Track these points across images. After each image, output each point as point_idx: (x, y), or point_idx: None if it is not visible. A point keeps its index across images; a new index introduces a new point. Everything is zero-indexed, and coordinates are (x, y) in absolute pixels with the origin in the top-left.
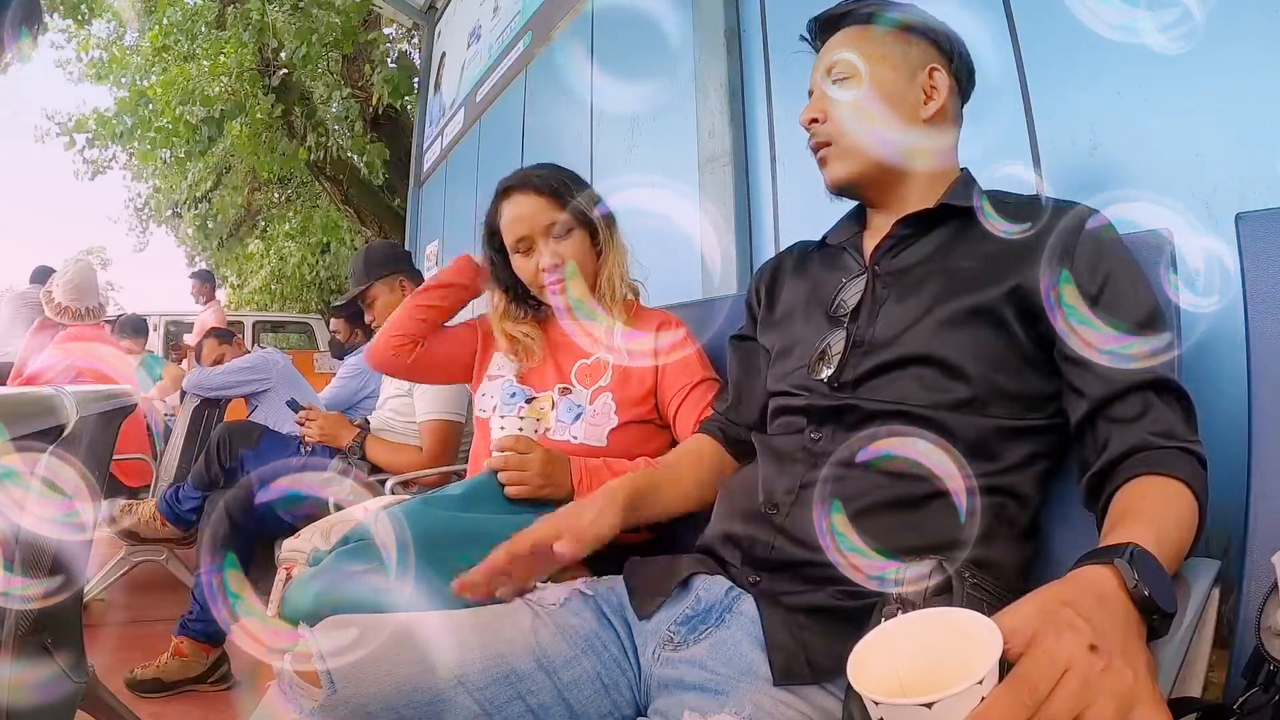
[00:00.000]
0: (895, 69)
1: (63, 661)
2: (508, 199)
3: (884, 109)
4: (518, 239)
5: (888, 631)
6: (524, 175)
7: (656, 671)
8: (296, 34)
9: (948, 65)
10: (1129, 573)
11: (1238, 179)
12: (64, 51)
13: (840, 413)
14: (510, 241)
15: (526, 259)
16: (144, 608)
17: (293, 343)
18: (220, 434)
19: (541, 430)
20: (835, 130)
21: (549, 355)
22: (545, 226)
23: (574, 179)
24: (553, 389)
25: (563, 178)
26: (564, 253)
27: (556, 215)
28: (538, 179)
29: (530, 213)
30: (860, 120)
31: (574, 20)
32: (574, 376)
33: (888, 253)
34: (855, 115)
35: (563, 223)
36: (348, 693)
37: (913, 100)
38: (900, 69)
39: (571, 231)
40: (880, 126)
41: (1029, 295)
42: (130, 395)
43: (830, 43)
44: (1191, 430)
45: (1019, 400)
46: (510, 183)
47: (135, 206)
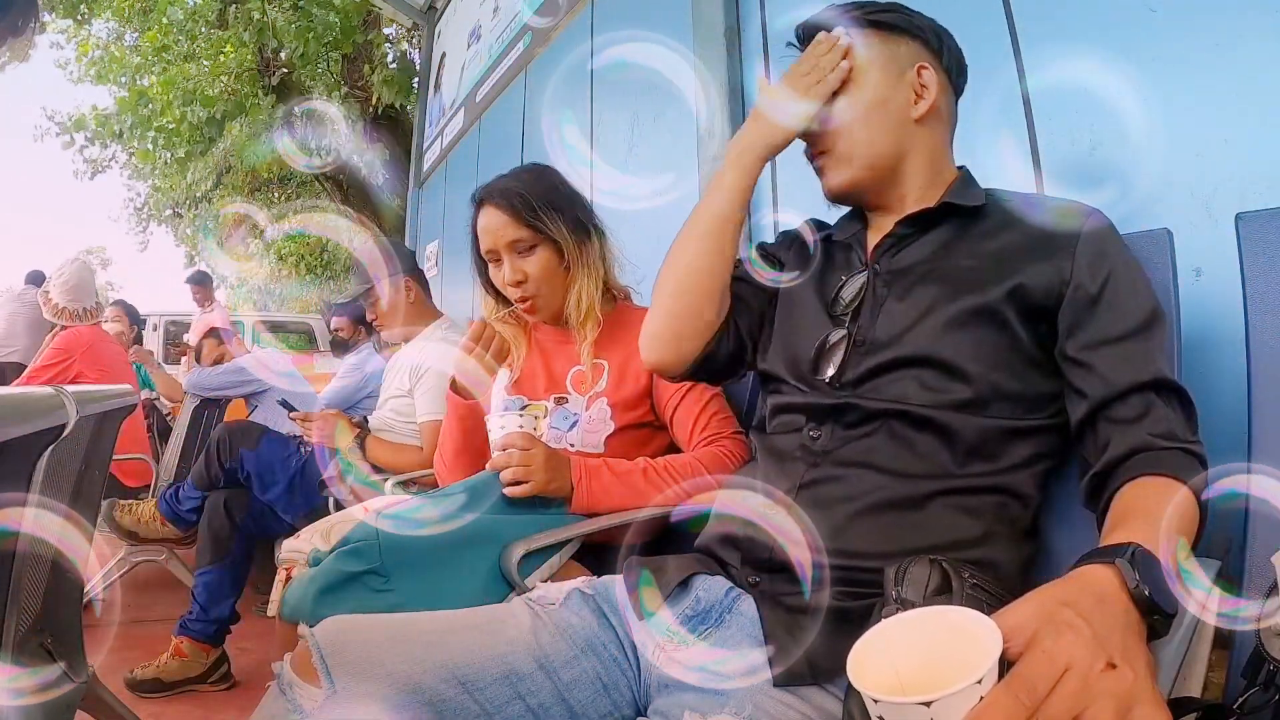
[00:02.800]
0: (882, 69)
1: (63, 661)
2: (480, 210)
3: (877, 112)
4: (487, 250)
5: (887, 629)
6: (493, 188)
7: (656, 671)
8: (296, 34)
9: (936, 61)
10: (1130, 573)
11: (1238, 179)
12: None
13: (840, 411)
14: (483, 251)
15: (497, 270)
16: (144, 608)
17: (293, 343)
18: (220, 434)
19: (541, 431)
20: (829, 139)
21: (541, 362)
22: (509, 243)
23: (548, 191)
24: (548, 399)
25: (535, 191)
26: (527, 270)
27: (520, 232)
28: (504, 194)
29: (496, 226)
30: (852, 127)
31: (574, 20)
32: (570, 383)
33: (888, 252)
34: (848, 121)
35: (526, 240)
36: (347, 693)
37: (902, 100)
38: (888, 69)
39: (535, 249)
40: (874, 131)
41: (1030, 295)
42: (130, 395)
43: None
44: (1192, 431)
45: (1020, 400)
46: (480, 194)
47: (135, 206)
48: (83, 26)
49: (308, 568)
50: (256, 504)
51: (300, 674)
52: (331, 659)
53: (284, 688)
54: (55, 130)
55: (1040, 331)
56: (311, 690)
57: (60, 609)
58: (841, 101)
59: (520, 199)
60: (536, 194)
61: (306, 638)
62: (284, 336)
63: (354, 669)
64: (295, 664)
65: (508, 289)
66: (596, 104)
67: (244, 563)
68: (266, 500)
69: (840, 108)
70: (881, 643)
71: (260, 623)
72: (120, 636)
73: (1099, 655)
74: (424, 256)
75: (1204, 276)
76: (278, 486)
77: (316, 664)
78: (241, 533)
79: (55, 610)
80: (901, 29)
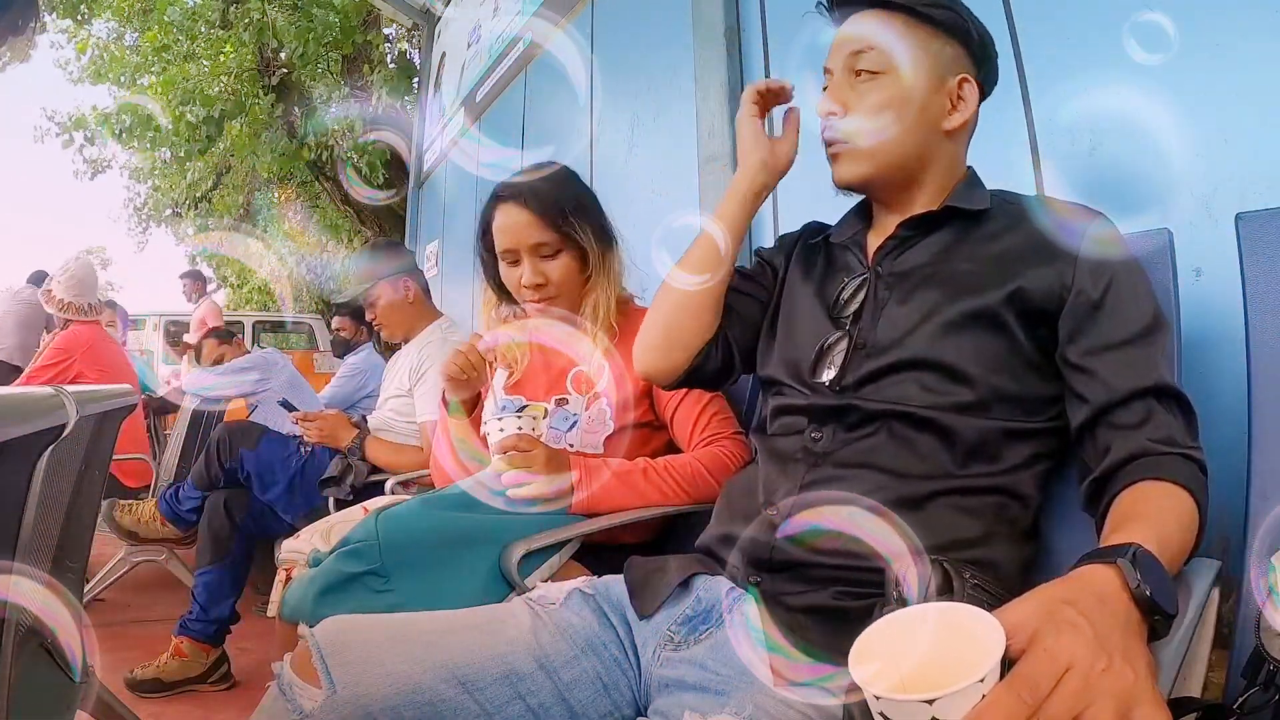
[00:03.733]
0: (927, 73)
1: (63, 662)
2: (500, 206)
3: (910, 116)
4: (504, 250)
5: (889, 626)
6: (519, 187)
7: (656, 671)
8: (296, 34)
9: (976, 72)
10: (1131, 573)
11: (1238, 179)
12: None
13: (841, 413)
14: (498, 249)
15: (512, 270)
16: (144, 608)
17: (293, 343)
18: (220, 434)
19: (540, 432)
20: (854, 130)
21: (541, 362)
22: (532, 245)
23: (575, 195)
24: (548, 400)
25: (564, 195)
26: (549, 274)
27: (546, 236)
28: (531, 195)
29: (520, 227)
30: (883, 125)
31: (574, 20)
32: (570, 384)
33: (890, 254)
34: (879, 118)
35: (551, 244)
36: (347, 693)
37: (938, 109)
38: (931, 73)
39: (559, 254)
40: (903, 134)
41: (1030, 299)
42: (130, 395)
43: (861, 20)
44: (1192, 437)
45: (1020, 403)
46: (504, 192)
47: (135, 206)
48: (83, 26)
49: (308, 568)
50: (256, 504)
51: (300, 674)
52: (331, 659)
53: (284, 688)
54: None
55: (1040, 335)
56: (311, 690)
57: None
58: (876, 94)
59: (551, 202)
60: (566, 198)
61: (306, 638)
62: (284, 336)
63: (354, 669)
64: (295, 664)
65: (522, 290)
66: (596, 104)
67: (244, 563)
68: (266, 500)
69: (873, 100)
70: (883, 639)
71: (260, 623)
72: (120, 636)
73: (1100, 655)
74: (424, 256)
75: (1204, 276)
76: (278, 486)
77: (316, 664)
78: (241, 533)
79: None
80: (952, 30)
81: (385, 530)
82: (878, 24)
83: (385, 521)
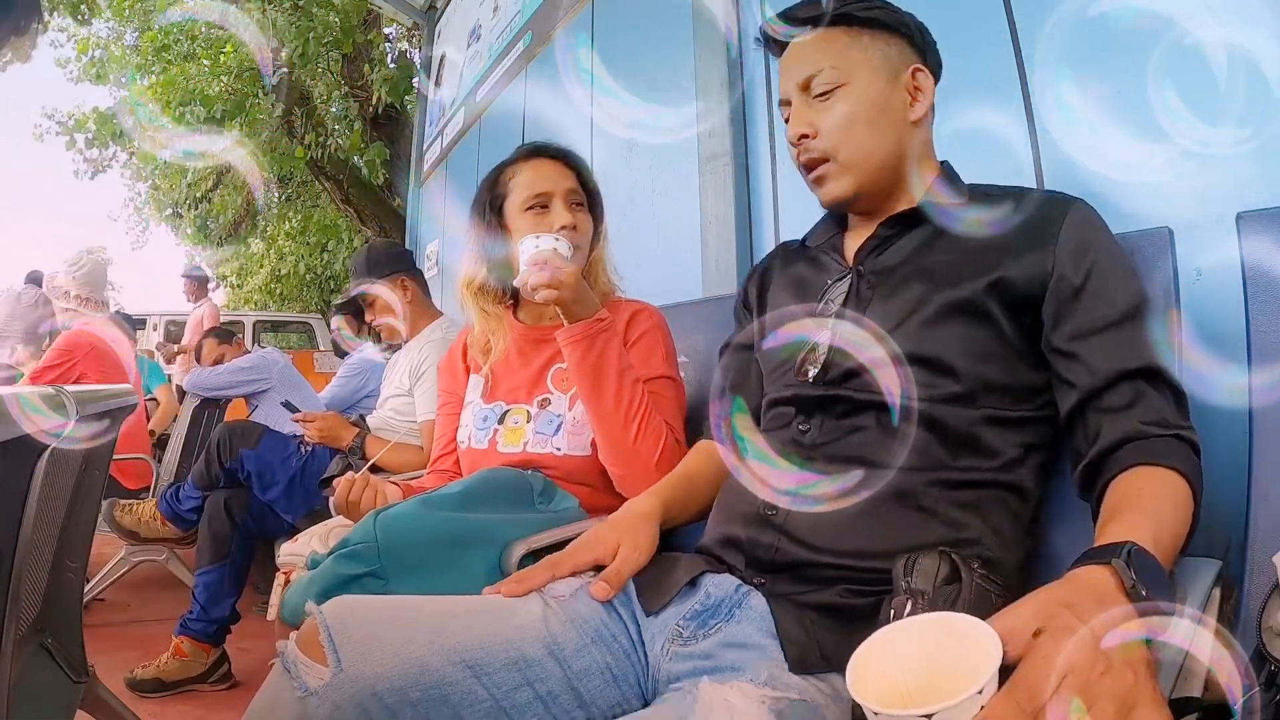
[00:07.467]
0: (883, 74)
1: (62, 661)
2: (532, 160)
3: (880, 118)
4: (537, 193)
5: (888, 637)
6: (553, 145)
7: (664, 666)
8: (296, 34)
9: (923, 60)
10: (1127, 573)
11: (1238, 179)
12: (64, 50)
13: (828, 404)
14: (526, 196)
15: (540, 216)
16: (144, 608)
17: (293, 343)
18: (220, 434)
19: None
20: (830, 146)
21: (520, 362)
22: (566, 191)
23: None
24: (530, 402)
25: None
26: (578, 223)
27: (578, 186)
28: (565, 152)
29: (556, 174)
30: (859, 133)
31: (574, 20)
32: (550, 382)
33: (871, 253)
34: (852, 129)
35: (579, 198)
36: (353, 671)
37: (900, 105)
38: (885, 73)
39: (582, 206)
40: (878, 137)
41: (1013, 287)
42: (130, 395)
43: (803, 46)
44: (1183, 416)
45: (1008, 392)
46: (541, 147)
47: (135, 206)
48: (83, 26)
49: (306, 571)
50: (256, 504)
51: (306, 652)
52: (339, 637)
53: (289, 665)
54: (55, 130)
55: (1025, 323)
56: (317, 668)
57: (60, 609)
58: (840, 107)
59: (582, 163)
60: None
61: (314, 615)
62: (284, 336)
63: (361, 648)
64: (301, 642)
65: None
66: (596, 104)
67: (244, 563)
68: (266, 500)
69: (840, 113)
70: (882, 650)
71: (260, 623)
72: (120, 636)
73: (1099, 657)
74: (424, 256)
75: (1204, 276)
76: (278, 486)
77: (324, 641)
78: (241, 533)
79: (55, 610)
80: (891, 27)
81: (384, 532)
82: (820, 44)
83: (384, 523)
